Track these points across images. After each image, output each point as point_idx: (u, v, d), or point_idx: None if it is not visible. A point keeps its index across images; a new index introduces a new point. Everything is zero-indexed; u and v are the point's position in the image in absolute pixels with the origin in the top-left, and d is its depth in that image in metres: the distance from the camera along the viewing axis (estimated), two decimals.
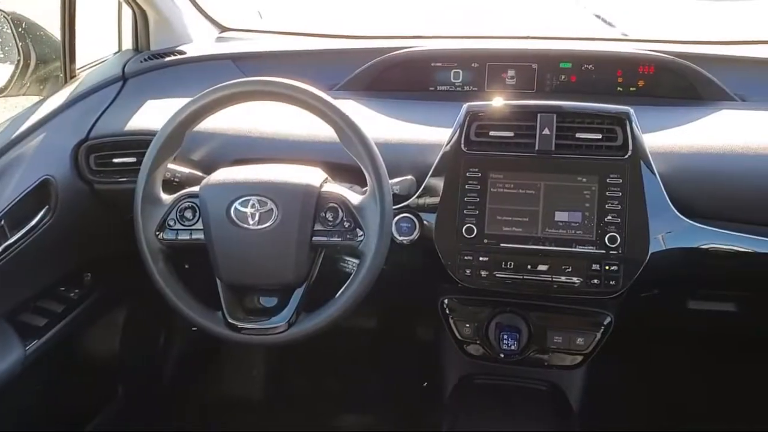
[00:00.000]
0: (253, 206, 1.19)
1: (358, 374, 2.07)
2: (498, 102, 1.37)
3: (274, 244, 1.20)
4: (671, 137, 1.37)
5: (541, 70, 1.66)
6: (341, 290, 1.21)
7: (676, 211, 1.28)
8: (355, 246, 1.21)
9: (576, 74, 1.65)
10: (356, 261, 1.22)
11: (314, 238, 1.21)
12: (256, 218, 1.19)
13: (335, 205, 1.22)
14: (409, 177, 1.33)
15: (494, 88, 1.67)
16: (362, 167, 1.21)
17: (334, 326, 1.21)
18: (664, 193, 1.27)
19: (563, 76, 1.65)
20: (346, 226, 1.21)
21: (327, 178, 1.26)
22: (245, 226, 1.19)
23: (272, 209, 1.19)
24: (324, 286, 1.24)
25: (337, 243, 1.22)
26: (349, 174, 1.30)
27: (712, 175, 1.32)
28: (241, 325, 1.22)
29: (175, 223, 1.25)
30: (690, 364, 1.90)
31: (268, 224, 1.19)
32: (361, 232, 1.20)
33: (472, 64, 1.68)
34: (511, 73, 1.67)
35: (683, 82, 1.59)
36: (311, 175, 1.24)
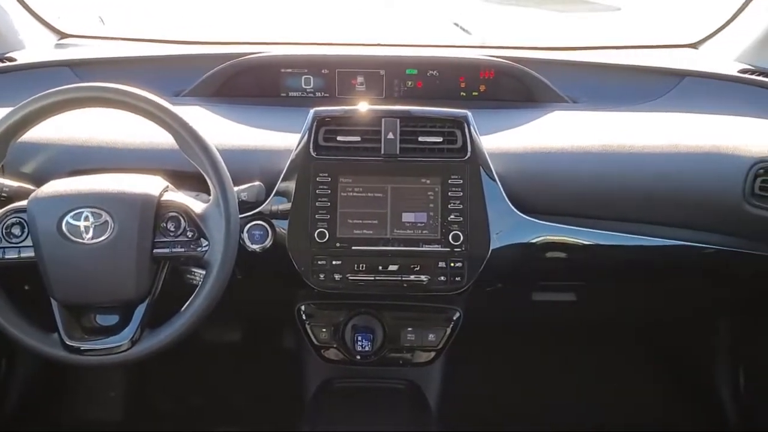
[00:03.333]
0: (86, 219, 1.13)
1: (222, 387, 2.02)
2: (344, 107, 1.38)
3: (111, 258, 1.14)
4: (508, 139, 1.45)
5: (389, 77, 1.70)
6: (187, 303, 1.17)
7: (514, 208, 1.34)
8: (199, 256, 1.18)
9: (422, 80, 1.70)
10: (203, 272, 1.19)
11: (155, 250, 1.17)
12: (91, 232, 1.13)
13: (177, 215, 1.18)
14: (257, 183, 1.30)
15: (345, 94, 1.69)
16: (204, 174, 1.19)
17: (184, 341, 1.17)
18: (502, 191, 1.34)
19: (410, 82, 1.70)
20: (190, 236, 1.18)
21: (168, 187, 1.22)
22: (79, 240, 1.13)
23: (108, 221, 1.14)
24: (172, 300, 1.19)
25: (181, 254, 1.18)
26: (195, 182, 1.27)
27: (545, 174, 1.40)
28: (80, 346, 1.16)
29: (0, 240, 1.17)
30: (541, 354, 2.01)
31: (103, 237, 1.13)
32: (205, 242, 1.18)
33: (323, 71, 1.70)
34: (360, 79, 1.70)
35: (520, 86, 1.69)
36: (149, 184, 1.20)
